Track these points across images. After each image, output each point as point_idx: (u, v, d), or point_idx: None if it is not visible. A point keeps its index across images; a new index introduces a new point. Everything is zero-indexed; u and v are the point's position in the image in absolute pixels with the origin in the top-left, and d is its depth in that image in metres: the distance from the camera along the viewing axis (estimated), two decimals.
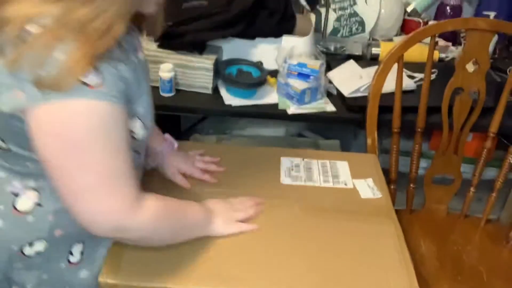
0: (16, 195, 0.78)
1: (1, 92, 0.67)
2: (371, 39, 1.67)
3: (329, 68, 1.46)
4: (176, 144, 1.06)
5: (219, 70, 1.35)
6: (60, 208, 0.77)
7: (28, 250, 0.80)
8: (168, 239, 0.83)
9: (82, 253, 0.85)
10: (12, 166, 0.77)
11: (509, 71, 1.54)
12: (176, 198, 0.84)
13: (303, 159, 1.14)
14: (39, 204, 0.78)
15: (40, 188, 0.78)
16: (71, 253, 0.84)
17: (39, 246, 0.81)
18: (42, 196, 0.78)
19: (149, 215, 0.74)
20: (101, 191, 0.69)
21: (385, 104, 1.25)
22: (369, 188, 1.06)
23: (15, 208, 0.77)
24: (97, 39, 0.63)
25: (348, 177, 1.09)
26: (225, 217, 0.90)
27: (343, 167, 1.13)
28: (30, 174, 0.77)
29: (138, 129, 0.78)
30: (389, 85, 1.24)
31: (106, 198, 0.69)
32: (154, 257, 0.84)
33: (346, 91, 1.36)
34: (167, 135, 1.06)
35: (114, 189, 0.70)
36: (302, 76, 1.34)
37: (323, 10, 1.63)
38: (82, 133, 0.66)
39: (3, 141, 0.74)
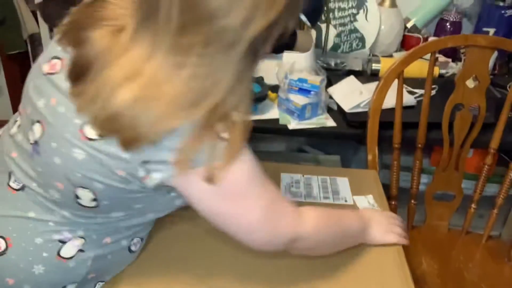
0: (63, 242, 0.76)
1: (155, 170, 0.68)
2: (371, 55, 1.68)
3: (329, 83, 1.47)
4: None
5: None
6: (100, 254, 0.78)
7: None
8: (332, 244, 0.88)
9: None
10: (76, 218, 0.76)
11: (509, 87, 1.54)
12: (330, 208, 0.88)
13: (303, 175, 1.14)
14: (81, 250, 0.77)
15: (88, 236, 0.77)
16: None
17: None
18: (86, 243, 0.77)
19: (312, 221, 0.81)
20: (270, 220, 0.76)
21: (386, 119, 1.25)
22: (369, 205, 1.06)
23: (59, 255, 0.76)
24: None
25: (348, 193, 1.09)
26: (384, 225, 0.96)
27: (343, 183, 1.12)
28: (82, 223, 0.76)
29: None
30: (389, 101, 1.24)
31: (275, 223, 0.76)
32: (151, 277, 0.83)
33: (347, 107, 1.36)
34: None
35: (279, 212, 0.77)
36: (303, 91, 1.34)
37: (323, 26, 1.65)
38: (240, 181, 0.71)
39: (95, 200, 0.73)
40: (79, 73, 0.67)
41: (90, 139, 0.68)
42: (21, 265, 0.74)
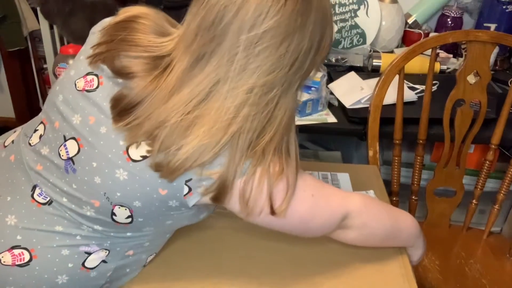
0: (89, 254, 0.76)
1: (199, 186, 0.69)
2: (372, 50, 1.67)
3: (330, 79, 1.46)
4: None
5: None
6: (120, 265, 0.79)
7: None
8: (383, 234, 0.88)
9: None
10: (106, 232, 0.76)
11: (510, 83, 1.54)
12: None
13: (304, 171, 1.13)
14: (104, 261, 0.77)
15: (113, 248, 0.77)
16: None
17: None
18: (110, 255, 0.78)
19: (359, 200, 0.82)
20: (319, 206, 0.77)
21: (387, 115, 1.24)
22: None
23: (83, 265, 0.76)
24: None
25: (350, 188, 1.09)
26: (424, 241, 0.96)
27: (344, 178, 1.12)
28: (111, 237, 0.76)
29: None
30: (390, 97, 1.24)
31: (325, 206, 0.78)
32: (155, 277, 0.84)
33: (348, 103, 1.36)
34: None
35: (326, 196, 0.79)
36: (304, 87, 1.34)
37: None
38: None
39: (130, 217, 0.73)
40: (124, 108, 0.68)
41: (135, 161, 0.68)
42: (45, 276, 0.74)
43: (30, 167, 0.76)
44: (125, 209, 0.72)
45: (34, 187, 0.75)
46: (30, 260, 0.73)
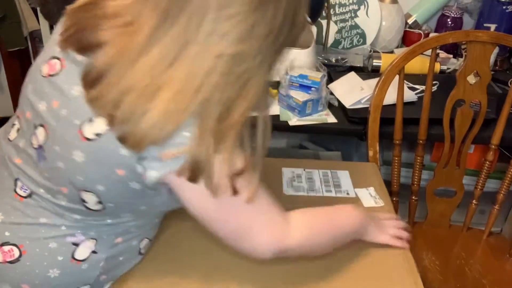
0: (76, 245, 0.76)
1: (151, 167, 0.67)
2: (372, 51, 1.67)
3: (330, 79, 1.47)
4: None
5: None
6: (112, 255, 0.78)
7: None
8: (326, 246, 0.85)
9: None
10: (87, 220, 0.76)
11: (510, 83, 1.54)
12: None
13: (304, 169, 1.14)
14: (94, 252, 0.77)
15: (99, 237, 0.77)
16: None
17: None
18: (98, 244, 0.77)
19: (302, 231, 0.78)
20: (258, 226, 0.74)
21: (387, 116, 1.25)
22: (371, 197, 1.06)
23: (73, 257, 0.76)
24: None
25: (350, 186, 1.09)
26: (378, 226, 0.93)
27: (344, 176, 1.13)
28: (94, 225, 0.76)
29: None
30: (390, 97, 1.24)
31: (263, 231, 0.74)
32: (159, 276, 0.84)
33: (348, 103, 1.36)
34: None
35: (267, 221, 0.75)
36: (304, 87, 1.34)
37: (324, 22, 1.64)
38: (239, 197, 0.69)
39: (100, 203, 0.72)
40: (95, 79, 0.65)
41: (89, 139, 0.67)
42: (36, 271, 0.74)
43: (12, 162, 0.76)
44: (92, 195, 0.71)
45: (16, 181, 0.76)
46: (20, 256, 0.74)
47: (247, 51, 0.64)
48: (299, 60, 1.40)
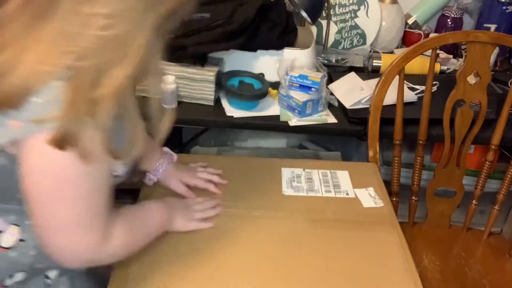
0: (1, 232, 0.76)
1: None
2: (372, 51, 1.67)
3: (330, 80, 1.47)
4: (175, 156, 1.06)
5: (221, 82, 1.35)
6: None
7: (8, 282, 0.80)
8: (134, 250, 0.82)
9: (58, 275, 0.85)
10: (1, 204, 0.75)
11: (510, 83, 1.54)
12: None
13: (303, 169, 1.14)
14: (22, 240, 0.77)
15: (23, 224, 0.77)
16: (47, 277, 0.84)
17: (19, 277, 0.80)
18: (24, 231, 0.77)
19: (118, 242, 0.74)
20: (76, 228, 0.68)
21: (387, 116, 1.25)
22: (370, 197, 1.06)
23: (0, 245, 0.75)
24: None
25: (349, 186, 1.09)
26: (184, 215, 0.93)
27: (343, 176, 1.13)
28: (12, 210, 0.76)
29: (119, 167, 0.75)
30: (390, 97, 1.24)
31: (79, 235, 0.69)
32: (160, 277, 0.84)
33: (348, 103, 1.36)
34: (165, 148, 1.05)
35: (88, 227, 0.69)
36: (304, 88, 1.34)
37: (324, 23, 1.64)
38: (70, 170, 0.64)
39: None
40: None
41: None
42: None
43: None
44: None
45: None
46: None
47: (121, 10, 0.59)
48: (299, 60, 1.40)
